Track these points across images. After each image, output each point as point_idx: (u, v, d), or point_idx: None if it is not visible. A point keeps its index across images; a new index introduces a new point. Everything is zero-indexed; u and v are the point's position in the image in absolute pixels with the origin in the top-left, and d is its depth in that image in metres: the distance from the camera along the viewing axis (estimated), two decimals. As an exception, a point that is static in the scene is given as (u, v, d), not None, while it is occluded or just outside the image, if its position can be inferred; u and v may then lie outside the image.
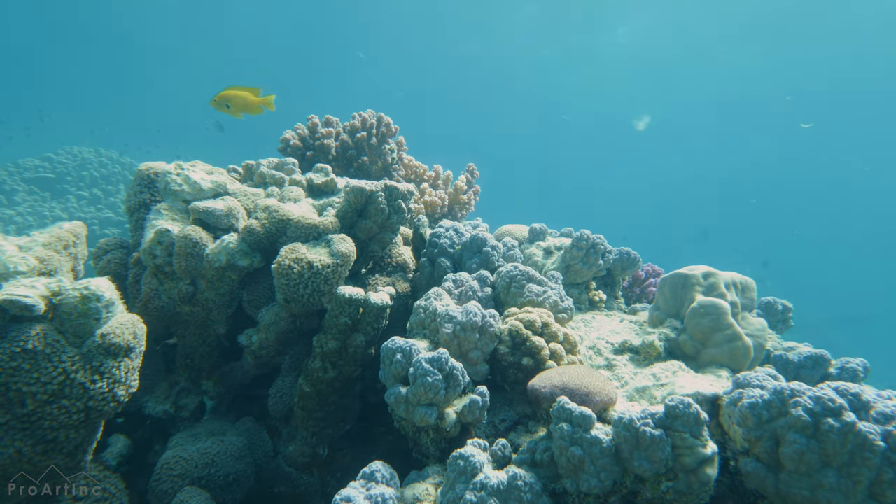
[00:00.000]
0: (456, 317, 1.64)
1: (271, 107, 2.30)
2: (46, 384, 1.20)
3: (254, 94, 2.26)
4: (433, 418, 1.41)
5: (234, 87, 2.25)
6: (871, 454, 1.13)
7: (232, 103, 2.23)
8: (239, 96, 2.23)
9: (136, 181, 2.08)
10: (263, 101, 2.26)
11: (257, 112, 2.28)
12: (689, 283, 1.92)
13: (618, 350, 1.91)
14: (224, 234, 1.90)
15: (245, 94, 2.24)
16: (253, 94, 2.25)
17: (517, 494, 1.17)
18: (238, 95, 2.23)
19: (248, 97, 2.24)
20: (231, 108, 2.24)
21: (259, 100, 2.25)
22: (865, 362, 1.95)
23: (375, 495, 1.18)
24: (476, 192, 3.17)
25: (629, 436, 1.20)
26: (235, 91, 2.24)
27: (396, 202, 2.10)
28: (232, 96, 2.23)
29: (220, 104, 2.23)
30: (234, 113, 2.26)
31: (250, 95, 2.25)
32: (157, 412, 1.90)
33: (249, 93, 2.25)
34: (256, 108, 2.27)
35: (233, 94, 2.23)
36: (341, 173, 2.85)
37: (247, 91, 2.25)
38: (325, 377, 1.81)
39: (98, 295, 1.28)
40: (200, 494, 1.59)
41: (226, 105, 2.23)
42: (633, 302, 2.79)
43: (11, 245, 1.36)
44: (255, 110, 2.27)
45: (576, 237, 2.38)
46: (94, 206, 7.67)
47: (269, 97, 2.27)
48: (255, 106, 2.26)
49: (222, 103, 2.23)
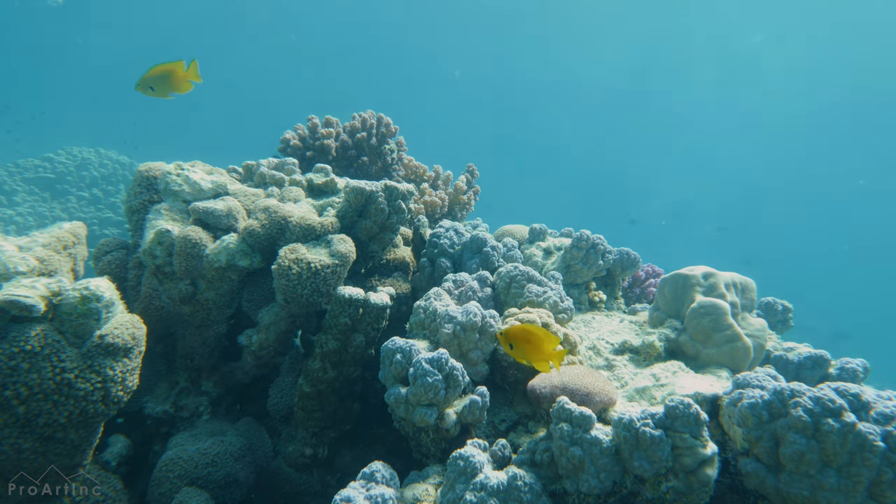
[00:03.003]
0: (456, 317, 1.64)
1: (197, 78, 1.99)
2: (46, 384, 1.20)
3: (179, 69, 1.95)
4: (433, 419, 1.41)
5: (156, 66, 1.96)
6: (871, 455, 1.13)
7: (155, 84, 1.94)
8: (160, 76, 1.94)
9: (136, 181, 2.08)
10: (188, 74, 1.97)
11: (187, 89, 1.99)
12: (689, 284, 1.92)
13: (618, 350, 1.91)
14: (224, 234, 1.90)
15: (168, 71, 1.94)
16: (178, 69, 1.95)
17: (517, 495, 1.17)
18: (159, 75, 1.94)
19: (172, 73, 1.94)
20: (156, 91, 1.95)
21: (185, 74, 1.96)
22: (865, 363, 1.94)
23: (375, 495, 1.18)
24: (476, 192, 3.17)
25: (629, 436, 1.20)
26: (157, 70, 1.95)
27: (396, 202, 2.10)
28: (154, 77, 1.94)
29: (145, 87, 1.95)
30: (161, 94, 1.97)
31: (177, 70, 1.95)
32: (157, 412, 1.90)
33: (174, 67, 1.95)
34: (185, 83, 1.98)
35: (155, 74, 1.95)
36: (341, 173, 2.85)
37: (170, 66, 1.95)
38: (325, 377, 1.81)
39: (98, 295, 1.28)
40: (200, 495, 1.59)
41: (150, 88, 1.94)
42: (633, 302, 2.79)
43: (11, 245, 1.36)
44: (183, 87, 1.98)
45: (576, 237, 2.38)
46: (94, 207, 7.67)
47: (192, 67, 1.97)
48: (182, 81, 1.97)
49: (146, 86, 1.94)
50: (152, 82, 1.94)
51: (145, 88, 1.95)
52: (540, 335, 1.25)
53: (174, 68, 1.94)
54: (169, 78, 1.94)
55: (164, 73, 1.94)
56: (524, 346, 1.25)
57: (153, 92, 1.95)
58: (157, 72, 1.94)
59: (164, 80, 1.94)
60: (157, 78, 1.94)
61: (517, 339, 1.26)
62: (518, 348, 1.26)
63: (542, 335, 1.25)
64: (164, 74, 1.94)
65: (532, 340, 1.25)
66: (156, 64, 1.96)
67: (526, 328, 1.27)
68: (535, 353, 1.25)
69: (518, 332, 1.26)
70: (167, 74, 1.94)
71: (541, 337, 1.25)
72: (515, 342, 1.26)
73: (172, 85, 1.96)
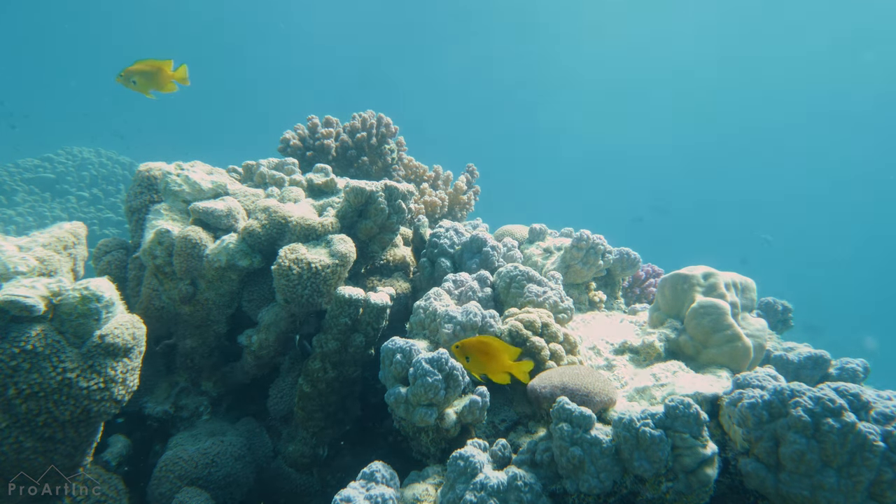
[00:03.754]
0: (456, 317, 1.64)
1: (185, 81, 1.92)
2: (46, 384, 1.20)
3: (166, 68, 1.88)
4: (433, 418, 1.41)
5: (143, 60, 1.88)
6: (871, 454, 1.13)
7: (138, 79, 1.86)
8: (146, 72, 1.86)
9: (136, 182, 2.08)
10: (175, 75, 1.90)
11: (171, 89, 1.92)
12: (690, 284, 1.92)
13: (618, 350, 1.91)
14: (224, 234, 1.90)
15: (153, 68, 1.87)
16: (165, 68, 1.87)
17: (517, 495, 1.17)
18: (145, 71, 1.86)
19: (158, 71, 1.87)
20: (137, 85, 1.87)
21: (171, 74, 1.89)
22: (865, 362, 1.95)
23: (375, 495, 1.18)
24: (476, 192, 3.17)
25: (629, 436, 1.20)
26: (143, 65, 1.86)
27: (396, 202, 2.10)
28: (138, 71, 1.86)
29: (127, 80, 1.86)
30: (143, 90, 1.89)
31: (164, 69, 1.87)
32: (157, 412, 1.90)
33: (162, 65, 1.87)
34: (168, 84, 1.90)
35: (140, 69, 1.86)
36: (341, 173, 2.85)
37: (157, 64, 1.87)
38: (325, 377, 1.81)
39: (98, 295, 1.28)
40: (200, 495, 1.59)
41: (132, 81, 1.86)
42: (633, 302, 2.79)
43: (11, 245, 1.36)
44: (167, 87, 1.91)
45: (576, 237, 2.38)
46: (94, 207, 7.67)
47: (181, 69, 1.90)
48: (167, 81, 1.89)
49: (129, 79, 1.86)
50: (136, 76, 1.86)
51: (127, 80, 1.86)
52: (497, 346, 1.21)
53: (162, 66, 1.87)
54: (154, 75, 1.87)
55: (151, 70, 1.86)
56: (481, 357, 1.21)
57: (135, 86, 1.87)
58: (143, 67, 1.86)
59: (148, 76, 1.86)
60: (142, 73, 1.86)
61: (473, 351, 1.22)
62: (474, 360, 1.21)
63: (499, 346, 1.21)
64: (150, 71, 1.86)
65: (489, 352, 1.20)
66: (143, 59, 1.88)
67: (482, 339, 1.22)
68: (492, 365, 1.21)
69: (474, 344, 1.22)
70: (153, 71, 1.86)
71: (497, 348, 1.20)
72: (472, 354, 1.22)
73: (157, 83, 1.88)
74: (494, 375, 1.24)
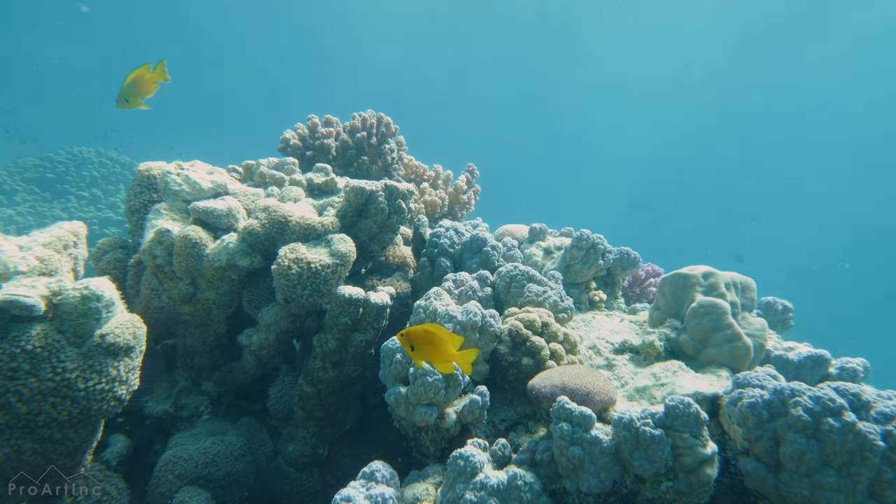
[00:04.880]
0: (456, 316, 1.64)
1: (165, 78, 1.96)
2: (46, 384, 1.20)
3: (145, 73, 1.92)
4: (433, 418, 1.41)
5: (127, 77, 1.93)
6: (871, 454, 1.13)
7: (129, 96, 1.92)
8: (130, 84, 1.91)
9: (136, 181, 2.08)
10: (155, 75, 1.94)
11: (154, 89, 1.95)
12: (690, 283, 1.92)
13: (618, 350, 1.91)
14: (224, 234, 1.90)
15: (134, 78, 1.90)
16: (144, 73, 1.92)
17: (517, 494, 1.17)
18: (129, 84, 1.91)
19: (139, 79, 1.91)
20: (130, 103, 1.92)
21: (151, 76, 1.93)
22: (865, 362, 1.94)
23: (375, 495, 1.18)
24: (476, 191, 3.17)
25: (629, 436, 1.20)
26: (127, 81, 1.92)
27: (396, 202, 2.10)
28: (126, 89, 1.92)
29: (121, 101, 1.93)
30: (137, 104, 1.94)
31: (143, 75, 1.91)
32: (157, 412, 1.90)
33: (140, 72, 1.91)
34: (152, 85, 1.94)
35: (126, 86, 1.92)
36: (341, 173, 2.85)
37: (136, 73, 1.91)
38: (326, 377, 1.81)
39: (98, 295, 1.28)
40: (200, 494, 1.59)
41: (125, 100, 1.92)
42: (633, 302, 2.79)
43: (11, 245, 1.36)
44: (151, 89, 1.95)
45: (576, 237, 2.38)
46: (94, 206, 7.67)
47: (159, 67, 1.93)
48: (150, 84, 1.94)
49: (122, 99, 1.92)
50: (127, 94, 1.91)
51: (122, 102, 1.92)
52: (441, 336, 1.20)
53: (140, 73, 1.91)
54: (135, 86, 1.91)
55: (134, 81, 1.91)
56: (426, 347, 1.20)
57: (128, 104, 1.92)
58: (128, 82, 1.91)
59: (134, 87, 1.91)
60: (129, 88, 1.91)
61: (418, 340, 1.21)
62: (419, 349, 1.21)
63: (443, 336, 1.20)
64: (134, 82, 1.91)
65: (434, 341, 1.20)
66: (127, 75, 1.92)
67: (426, 328, 1.21)
68: (436, 355, 1.20)
69: (419, 333, 1.21)
70: (136, 81, 1.91)
71: (442, 338, 1.20)
72: (416, 343, 1.21)
73: (142, 90, 1.93)
74: (439, 365, 1.24)
